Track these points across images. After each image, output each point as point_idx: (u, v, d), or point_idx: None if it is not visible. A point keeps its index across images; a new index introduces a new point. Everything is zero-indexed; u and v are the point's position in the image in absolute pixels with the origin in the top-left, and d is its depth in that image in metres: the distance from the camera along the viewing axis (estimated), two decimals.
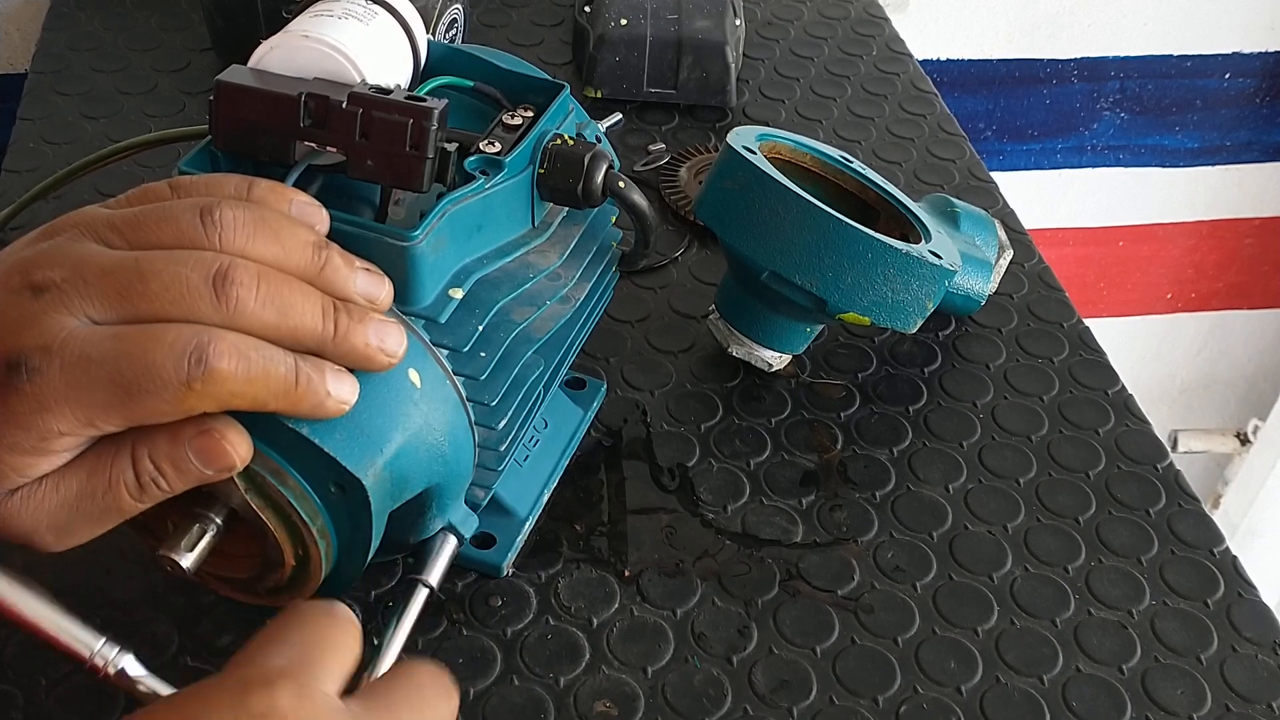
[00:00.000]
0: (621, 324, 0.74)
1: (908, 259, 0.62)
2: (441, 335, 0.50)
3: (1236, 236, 1.58)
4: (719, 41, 0.91)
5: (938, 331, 0.75)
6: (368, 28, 0.54)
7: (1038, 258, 0.81)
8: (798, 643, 0.57)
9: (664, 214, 0.82)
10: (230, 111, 0.50)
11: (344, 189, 0.54)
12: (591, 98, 0.92)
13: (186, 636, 0.56)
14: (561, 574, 0.60)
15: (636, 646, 0.57)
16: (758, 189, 0.63)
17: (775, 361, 0.69)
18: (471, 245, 0.52)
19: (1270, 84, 1.45)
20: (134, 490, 0.43)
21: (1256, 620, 0.60)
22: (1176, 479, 0.67)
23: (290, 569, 0.48)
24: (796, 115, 0.93)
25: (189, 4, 1.00)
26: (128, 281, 0.42)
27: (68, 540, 0.44)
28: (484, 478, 0.55)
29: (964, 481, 0.66)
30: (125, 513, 0.44)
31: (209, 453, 0.43)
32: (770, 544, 0.62)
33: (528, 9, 1.03)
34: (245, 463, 0.44)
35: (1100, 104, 1.43)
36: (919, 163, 0.89)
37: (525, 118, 0.56)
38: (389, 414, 0.48)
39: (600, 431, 0.67)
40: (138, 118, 0.88)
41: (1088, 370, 0.73)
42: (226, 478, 0.45)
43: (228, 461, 0.43)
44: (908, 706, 0.55)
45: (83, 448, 0.43)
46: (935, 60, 1.35)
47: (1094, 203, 1.51)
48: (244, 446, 0.44)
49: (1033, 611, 0.59)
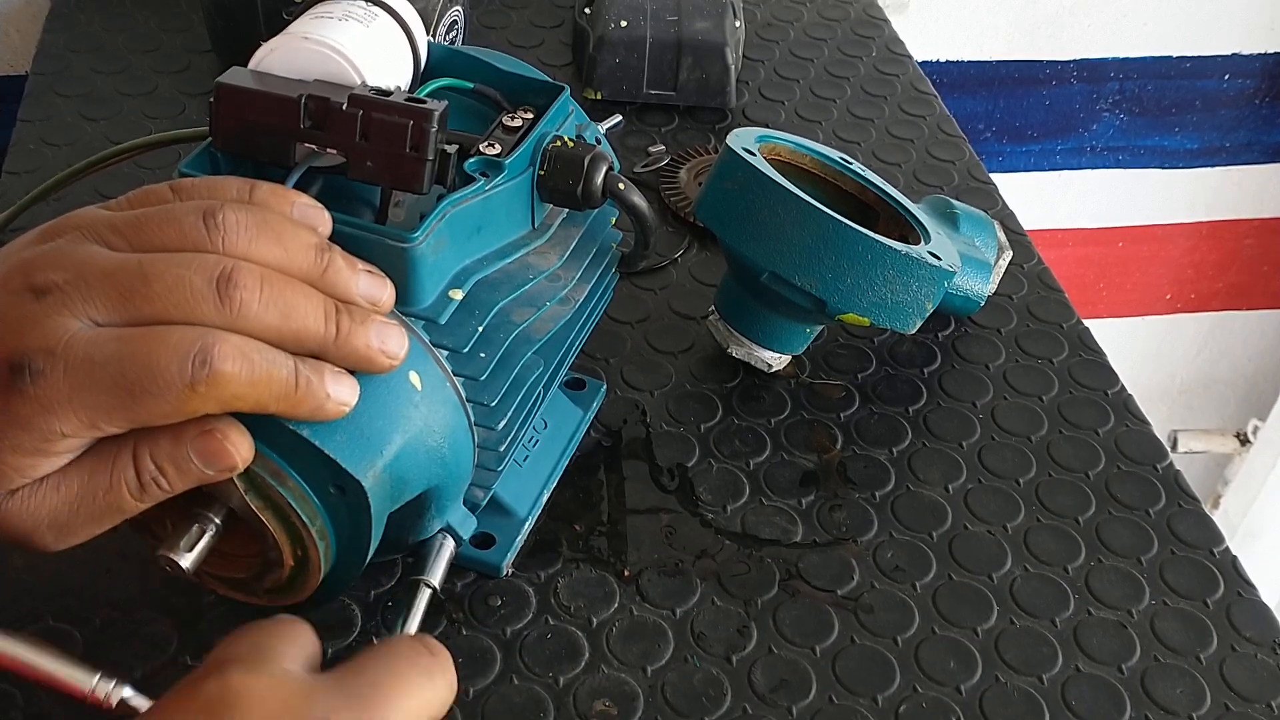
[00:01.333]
0: (621, 325, 0.74)
1: (907, 260, 0.62)
2: (441, 336, 0.50)
3: (1236, 237, 1.58)
4: (719, 43, 0.91)
5: (937, 332, 0.75)
6: (368, 29, 0.54)
7: (1037, 258, 0.81)
8: (797, 642, 0.58)
9: (664, 215, 0.82)
10: (230, 113, 0.50)
11: (344, 191, 0.54)
12: (591, 99, 0.92)
13: (187, 636, 0.56)
14: (561, 574, 0.60)
15: (636, 646, 0.57)
16: (757, 190, 0.63)
17: (775, 362, 0.69)
18: (471, 247, 0.52)
19: (1270, 85, 1.45)
20: (135, 490, 0.43)
21: (1256, 620, 0.60)
22: (1176, 479, 0.67)
23: (289, 569, 0.48)
24: (796, 117, 0.93)
25: (189, 5, 1.00)
26: (130, 284, 0.42)
27: (67, 539, 0.44)
28: (483, 478, 0.55)
29: (964, 482, 0.66)
30: (125, 512, 0.44)
31: (211, 453, 0.43)
32: (770, 544, 0.62)
33: (527, 10, 1.03)
34: (247, 463, 0.44)
35: (1100, 105, 1.43)
36: (918, 164, 0.89)
37: (525, 119, 0.56)
38: (389, 416, 0.48)
39: (600, 432, 0.67)
40: (138, 119, 0.88)
41: (1087, 370, 0.73)
42: (227, 479, 0.45)
43: (229, 462, 0.43)
44: (907, 706, 0.55)
45: (84, 449, 0.43)
46: (935, 61, 1.35)
47: (1093, 203, 1.51)
48: (245, 447, 0.44)
49: (1032, 611, 0.59)
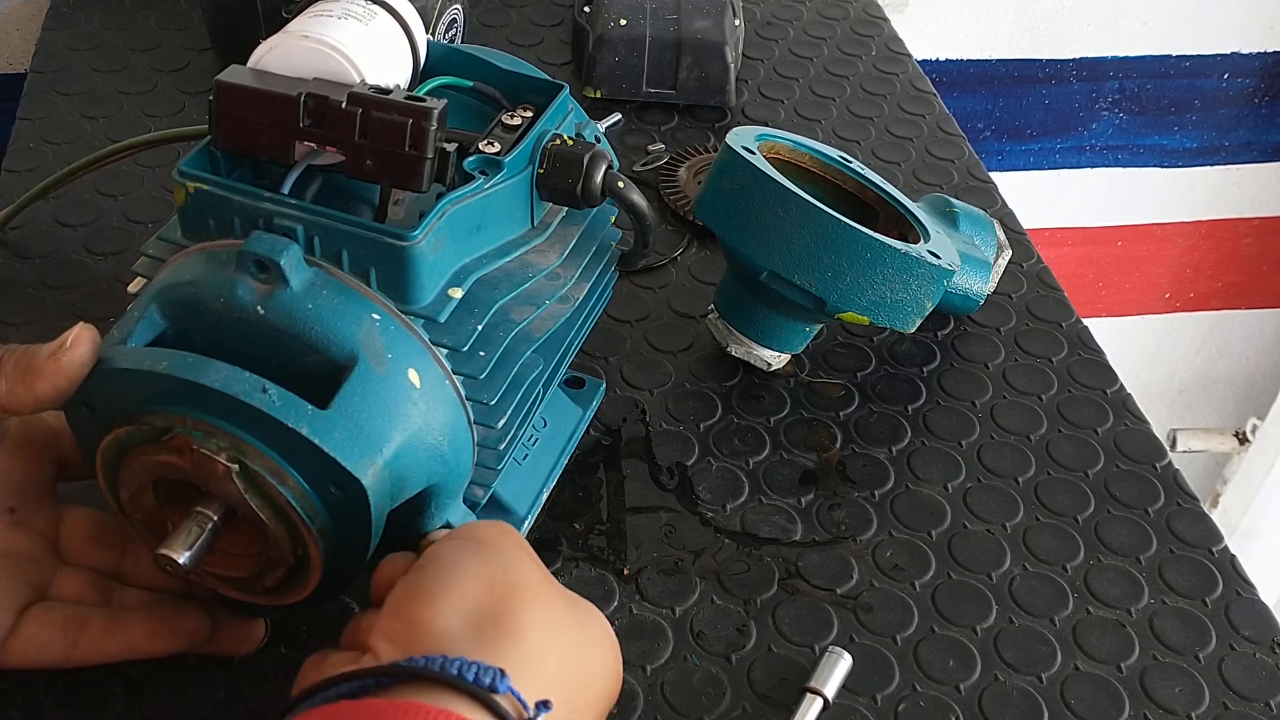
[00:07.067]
0: (621, 323, 0.74)
1: (906, 259, 0.62)
2: (441, 335, 0.50)
3: (1235, 236, 1.58)
4: (718, 42, 0.91)
5: (936, 331, 0.75)
6: (367, 28, 0.54)
7: (1036, 257, 0.81)
8: (797, 641, 0.58)
9: (663, 214, 0.82)
10: (230, 111, 0.50)
11: (343, 189, 0.54)
12: (591, 98, 0.92)
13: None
14: (561, 572, 0.60)
15: (635, 645, 0.57)
16: (757, 189, 0.63)
17: (774, 361, 0.69)
18: (471, 245, 0.52)
19: (1269, 84, 1.45)
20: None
21: (1255, 619, 0.60)
22: (1175, 478, 0.67)
23: (289, 568, 0.48)
24: (796, 115, 0.93)
25: (189, 4, 1.00)
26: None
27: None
28: (483, 476, 0.55)
29: (963, 480, 0.66)
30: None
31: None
32: (769, 542, 0.62)
33: (527, 9, 1.03)
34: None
35: (1099, 104, 1.43)
36: (918, 163, 0.89)
37: (524, 118, 0.56)
38: (389, 414, 0.48)
39: (599, 430, 0.67)
40: (137, 118, 0.88)
41: (1086, 370, 0.73)
42: (226, 477, 0.45)
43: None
44: (906, 705, 0.55)
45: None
46: (934, 60, 1.35)
47: (1093, 203, 1.51)
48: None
49: (1031, 610, 0.60)
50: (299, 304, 0.48)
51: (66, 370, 0.47)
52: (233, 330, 0.48)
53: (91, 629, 0.51)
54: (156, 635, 0.52)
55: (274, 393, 0.45)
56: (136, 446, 0.47)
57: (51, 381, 0.47)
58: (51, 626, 0.51)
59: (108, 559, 0.54)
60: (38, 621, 0.51)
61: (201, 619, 0.53)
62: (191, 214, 0.50)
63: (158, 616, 0.52)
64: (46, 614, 0.51)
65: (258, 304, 0.48)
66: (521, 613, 0.43)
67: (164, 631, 0.52)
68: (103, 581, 0.53)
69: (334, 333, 0.48)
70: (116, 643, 0.52)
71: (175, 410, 0.46)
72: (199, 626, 0.52)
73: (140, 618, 0.52)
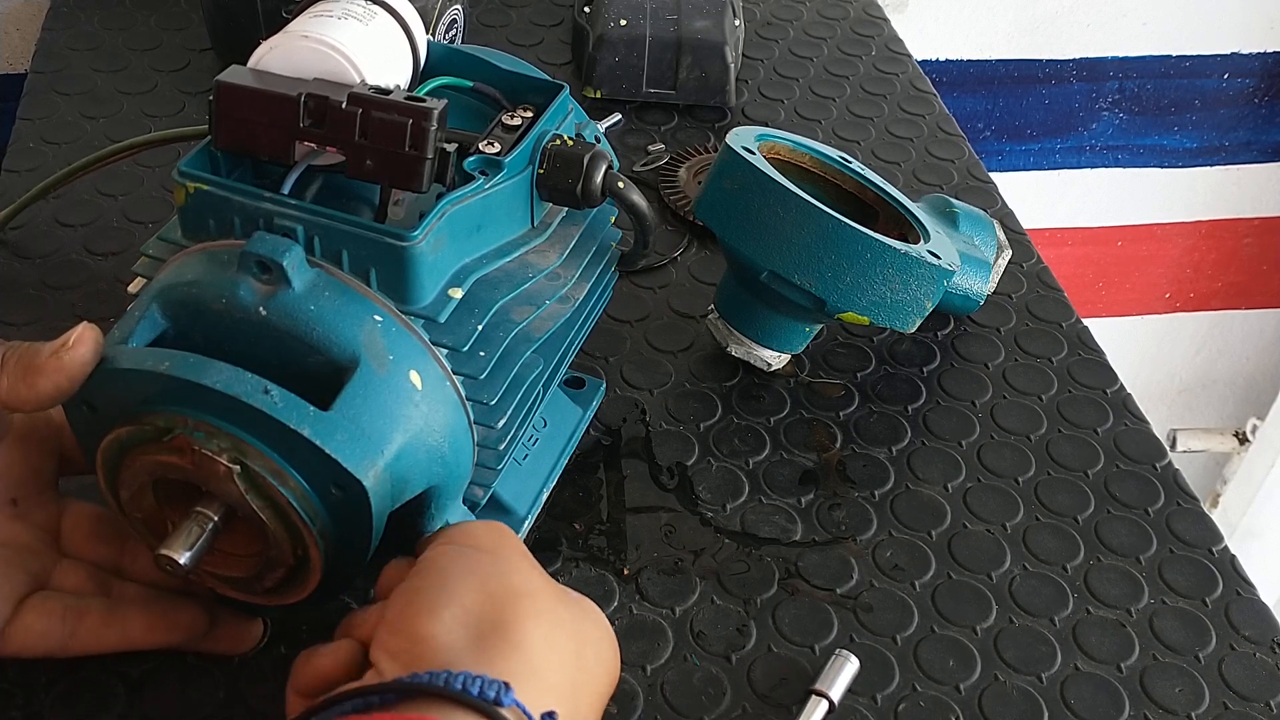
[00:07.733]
0: (621, 323, 0.74)
1: (906, 259, 0.62)
2: (441, 335, 0.50)
3: (1235, 236, 1.58)
4: (718, 42, 0.91)
5: (936, 331, 0.75)
6: (367, 28, 0.54)
7: (1036, 257, 0.81)
8: (796, 641, 0.58)
9: (663, 214, 0.82)
10: (230, 112, 0.50)
11: (344, 189, 0.54)
12: (591, 98, 0.92)
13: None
14: (561, 572, 0.60)
15: (635, 645, 0.57)
16: (757, 189, 0.63)
17: (774, 361, 0.69)
18: (471, 245, 0.52)
19: (1269, 84, 1.45)
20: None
21: (1255, 619, 0.60)
22: (1175, 478, 0.67)
23: (289, 568, 0.48)
24: (796, 115, 0.93)
25: (189, 4, 1.00)
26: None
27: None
28: (483, 476, 0.55)
29: (963, 480, 0.66)
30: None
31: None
32: (769, 542, 0.62)
33: (527, 9, 1.03)
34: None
35: (1099, 104, 1.43)
36: (918, 163, 0.89)
37: (525, 118, 0.56)
38: (389, 415, 0.48)
39: (599, 430, 0.67)
40: (137, 118, 0.88)
41: (1086, 370, 0.73)
42: (227, 478, 0.45)
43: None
44: (906, 704, 0.55)
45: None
46: (934, 60, 1.35)
47: (1093, 203, 1.51)
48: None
49: (1031, 610, 0.60)
50: (301, 305, 0.48)
51: (68, 369, 0.47)
52: (234, 331, 0.48)
53: (89, 619, 0.51)
54: (154, 628, 0.52)
55: (276, 394, 0.45)
56: (137, 446, 0.47)
57: (53, 380, 0.47)
58: (50, 616, 0.51)
59: (108, 554, 0.54)
60: (36, 610, 0.51)
61: (199, 613, 0.53)
62: (191, 214, 0.50)
63: (156, 609, 0.53)
64: (45, 603, 0.51)
65: (260, 305, 0.48)
66: (523, 622, 0.43)
67: (161, 624, 0.52)
68: (102, 575, 0.54)
69: (336, 334, 0.48)
70: (114, 634, 0.52)
71: (176, 410, 0.46)
72: (196, 620, 0.53)
73: (138, 610, 0.52)
